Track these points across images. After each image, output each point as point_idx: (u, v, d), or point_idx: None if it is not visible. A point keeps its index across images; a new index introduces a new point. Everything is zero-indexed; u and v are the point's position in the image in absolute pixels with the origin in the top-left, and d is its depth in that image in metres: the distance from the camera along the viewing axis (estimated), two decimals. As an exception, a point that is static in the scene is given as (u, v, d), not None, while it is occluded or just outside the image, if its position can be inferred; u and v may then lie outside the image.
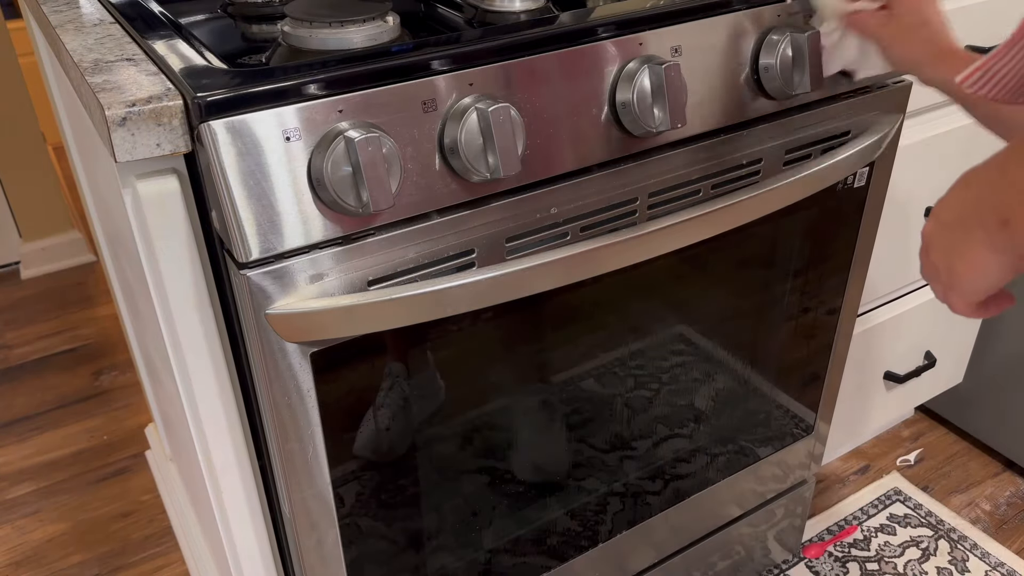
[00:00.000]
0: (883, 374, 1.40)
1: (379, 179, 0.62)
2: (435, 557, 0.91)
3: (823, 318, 1.11)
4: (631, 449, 1.01)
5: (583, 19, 0.75)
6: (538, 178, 0.74)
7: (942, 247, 0.53)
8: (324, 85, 0.62)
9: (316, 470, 0.76)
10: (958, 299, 0.54)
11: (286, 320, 0.66)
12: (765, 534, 1.29)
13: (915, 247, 1.31)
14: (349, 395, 0.75)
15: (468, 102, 0.67)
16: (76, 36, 0.75)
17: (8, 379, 1.89)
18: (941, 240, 0.54)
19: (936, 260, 0.54)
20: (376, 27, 0.74)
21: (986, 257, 0.50)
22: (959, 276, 0.52)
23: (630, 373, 0.96)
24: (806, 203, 0.93)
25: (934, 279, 0.56)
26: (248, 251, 0.63)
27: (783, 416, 1.17)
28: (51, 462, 1.66)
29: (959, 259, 0.52)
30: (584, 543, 1.04)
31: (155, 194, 0.64)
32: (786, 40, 0.81)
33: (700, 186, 0.86)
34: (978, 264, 0.51)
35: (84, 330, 2.05)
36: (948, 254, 0.53)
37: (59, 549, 1.47)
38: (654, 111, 0.74)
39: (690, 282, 0.94)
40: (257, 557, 0.84)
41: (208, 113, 0.59)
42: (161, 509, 1.53)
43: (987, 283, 0.52)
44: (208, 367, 0.72)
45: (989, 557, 1.37)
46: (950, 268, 0.53)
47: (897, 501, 1.48)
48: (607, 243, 0.76)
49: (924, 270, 0.57)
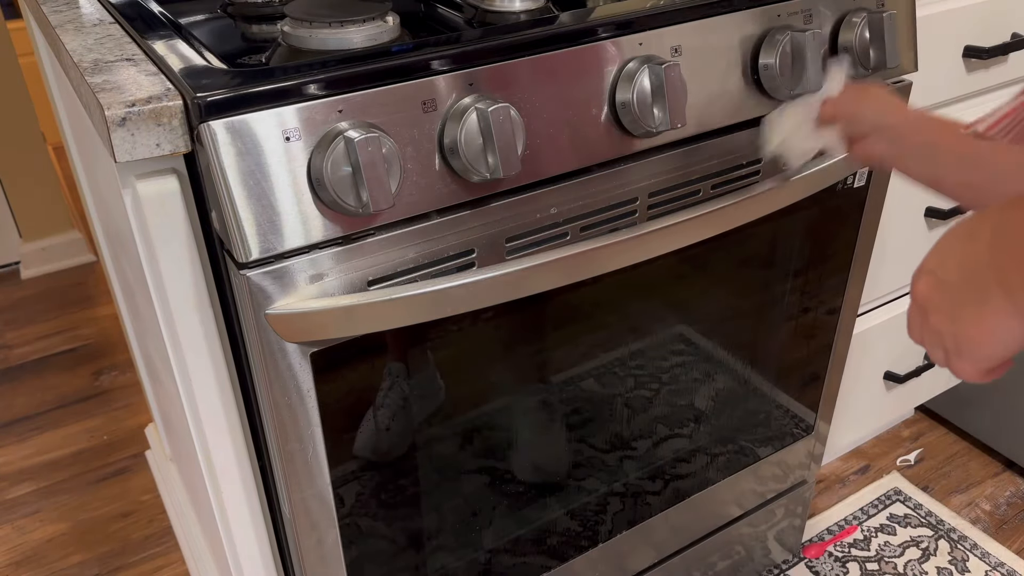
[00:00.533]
0: (883, 374, 1.40)
1: (379, 179, 0.62)
2: (435, 557, 0.91)
3: (823, 318, 1.11)
4: (631, 449, 1.01)
5: (583, 19, 0.75)
6: (538, 178, 0.74)
7: (946, 311, 0.47)
8: (324, 85, 0.62)
9: (316, 470, 0.76)
10: (967, 366, 0.47)
11: (286, 320, 0.66)
12: (765, 534, 1.29)
13: (915, 247, 1.30)
14: (349, 395, 0.75)
15: (468, 102, 0.67)
16: (76, 36, 0.75)
17: (8, 379, 1.89)
18: (944, 302, 0.47)
19: (938, 325, 0.48)
20: (376, 27, 0.74)
21: (1006, 323, 0.44)
22: (971, 343, 0.46)
23: (630, 373, 0.95)
24: (806, 203, 0.93)
25: (934, 344, 0.49)
26: (248, 251, 0.63)
27: (783, 416, 1.17)
28: (51, 462, 1.66)
29: (971, 325, 0.45)
30: (584, 543, 1.04)
31: (155, 194, 0.64)
32: (786, 40, 0.81)
33: (700, 186, 0.86)
34: (996, 330, 0.44)
35: (84, 330, 2.04)
36: (955, 319, 0.46)
37: (59, 549, 1.47)
38: (654, 111, 0.74)
39: (690, 282, 0.94)
40: (257, 557, 0.84)
41: (208, 113, 0.59)
42: (161, 509, 1.53)
43: (1006, 350, 0.45)
44: (208, 367, 0.72)
45: (989, 557, 1.37)
46: (959, 334, 0.46)
47: (897, 501, 1.48)
48: (607, 243, 0.76)
49: (920, 335, 0.50)
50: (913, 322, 0.51)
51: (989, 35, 1.16)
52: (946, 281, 0.47)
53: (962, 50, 1.15)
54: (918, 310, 0.50)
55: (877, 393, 1.43)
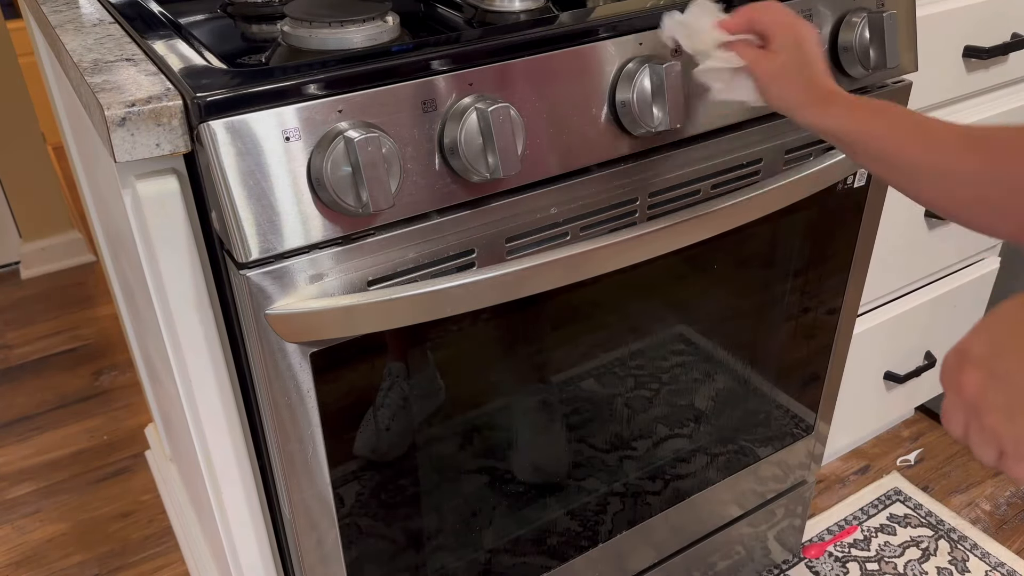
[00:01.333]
0: (883, 374, 1.40)
1: (379, 179, 0.62)
2: (435, 557, 0.91)
3: (823, 318, 1.11)
4: (631, 449, 1.01)
5: (583, 19, 0.75)
6: (538, 178, 0.74)
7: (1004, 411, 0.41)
8: (324, 85, 0.62)
9: (316, 470, 0.76)
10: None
11: (286, 320, 0.66)
12: (765, 534, 1.29)
13: (915, 247, 1.30)
14: (349, 395, 0.75)
15: (468, 102, 0.67)
16: (76, 36, 0.75)
17: (8, 379, 1.89)
18: (1001, 401, 0.41)
19: (995, 426, 0.42)
20: (376, 27, 0.74)
21: None
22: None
23: (630, 373, 0.95)
24: (806, 203, 0.93)
25: (988, 445, 0.43)
26: (248, 251, 0.63)
27: (783, 416, 1.17)
28: (51, 462, 1.66)
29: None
30: (584, 543, 1.04)
31: (155, 194, 0.64)
32: (786, 40, 0.80)
33: (700, 186, 0.86)
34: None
35: (84, 330, 2.04)
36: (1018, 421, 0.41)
37: (59, 549, 1.47)
38: (654, 111, 0.74)
39: (690, 282, 0.94)
40: (257, 557, 0.84)
41: (208, 113, 0.59)
42: (161, 509, 1.53)
43: None
44: (208, 367, 0.72)
45: (989, 557, 1.37)
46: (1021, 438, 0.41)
47: (897, 501, 1.48)
48: (607, 243, 0.76)
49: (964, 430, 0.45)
50: (955, 418, 0.45)
51: (989, 35, 1.16)
52: (1004, 376, 0.41)
53: (962, 50, 1.15)
54: (965, 407, 0.44)
55: (877, 393, 1.43)
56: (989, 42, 1.16)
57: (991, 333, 0.42)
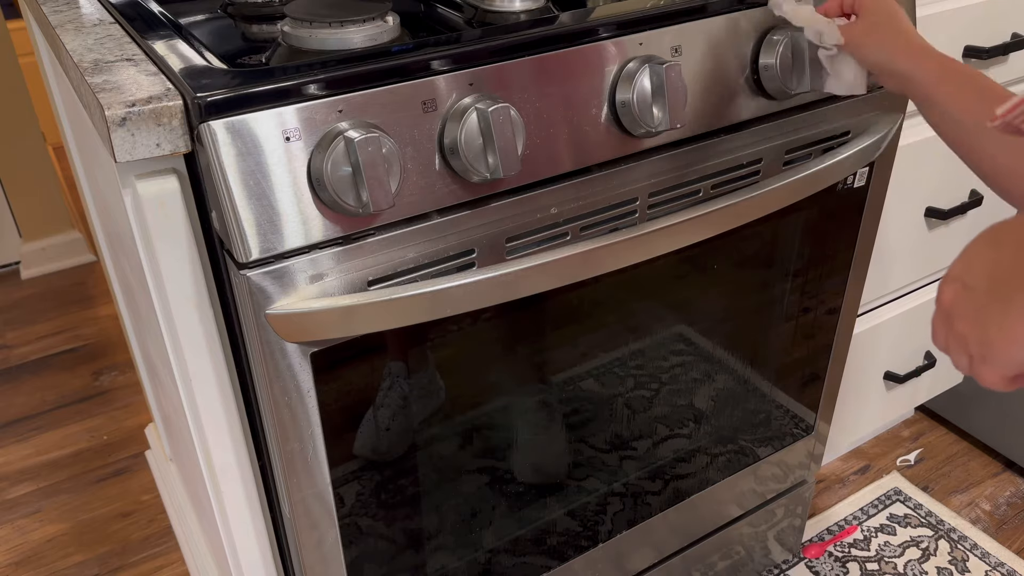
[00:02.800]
0: (883, 374, 1.40)
1: (379, 179, 0.62)
2: (435, 557, 0.91)
3: (823, 318, 1.11)
4: (631, 449, 1.01)
5: (583, 19, 0.75)
6: (538, 178, 0.74)
7: (971, 316, 0.48)
8: (324, 85, 0.62)
9: (316, 470, 0.76)
10: (991, 372, 0.48)
11: (286, 320, 0.66)
12: (765, 534, 1.29)
13: (915, 247, 1.31)
14: (349, 395, 0.75)
15: (468, 102, 0.67)
16: (76, 36, 0.75)
17: (8, 379, 1.89)
18: (969, 308, 0.48)
19: (964, 330, 0.48)
20: (376, 27, 0.74)
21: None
22: (996, 348, 0.47)
23: (630, 373, 0.96)
24: (806, 203, 0.93)
25: (959, 350, 0.50)
26: (248, 251, 0.63)
27: (783, 416, 1.17)
28: (51, 462, 1.66)
29: (996, 330, 0.46)
30: (584, 543, 1.04)
31: (155, 194, 0.64)
32: (786, 40, 0.81)
33: (700, 186, 0.86)
34: (1021, 336, 0.45)
35: (84, 330, 2.05)
36: (981, 324, 0.47)
37: (59, 549, 1.47)
38: (654, 111, 0.74)
39: (690, 282, 0.94)
40: (257, 557, 0.84)
41: (208, 113, 0.59)
42: (161, 509, 1.53)
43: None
44: (208, 367, 0.72)
45: (989, 557, 1.37)
46: (984, 340, 0.47)
47: (897, 501, 1.48)
48: (607, 243, 0.76)
49: (944, 340, 0.51)
50: (938, 329, 0.51)
51: (989, 35, 1.16)
52: (972, 287, 0.47)
53: (962, 50, 1.15)
54: (943, 316, 0.50)
55: (877, 393, 1.43)
56: (989, 42, 1.16)
57: (966, 253, 0.49)
